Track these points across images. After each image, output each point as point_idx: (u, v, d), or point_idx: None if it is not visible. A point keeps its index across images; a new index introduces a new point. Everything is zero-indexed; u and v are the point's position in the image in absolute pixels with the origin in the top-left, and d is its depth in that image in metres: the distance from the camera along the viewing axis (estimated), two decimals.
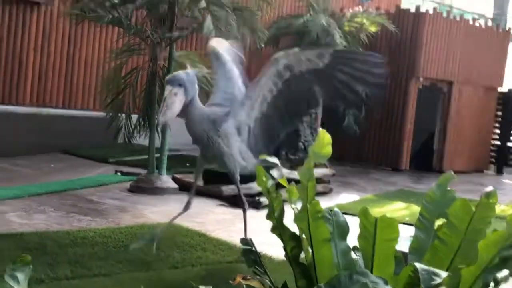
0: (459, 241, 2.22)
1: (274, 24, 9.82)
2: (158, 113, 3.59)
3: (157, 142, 6.40)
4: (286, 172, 6.83)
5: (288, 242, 2.31)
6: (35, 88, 8.23)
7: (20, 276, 1.68)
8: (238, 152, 3.84)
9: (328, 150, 2.38)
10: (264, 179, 2.41)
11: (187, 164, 7.82)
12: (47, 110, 8.30)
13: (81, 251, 3.84)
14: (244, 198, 4.04)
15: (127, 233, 4.36)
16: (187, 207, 4.02)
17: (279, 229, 2.33)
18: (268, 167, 4.06)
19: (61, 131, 8.09)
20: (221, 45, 4.25)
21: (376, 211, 6.03)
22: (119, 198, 5.83)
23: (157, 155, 6.34)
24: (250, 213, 5.59)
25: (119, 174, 6.96)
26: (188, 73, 3.68)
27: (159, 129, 6.37)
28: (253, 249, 2.39)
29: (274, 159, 2.70)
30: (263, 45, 6.80)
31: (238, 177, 3.94)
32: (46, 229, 4.33)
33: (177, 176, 6.60)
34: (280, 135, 3.95)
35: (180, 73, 3.67)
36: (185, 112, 3.63)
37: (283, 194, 2.50)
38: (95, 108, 8.49)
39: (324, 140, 2.38)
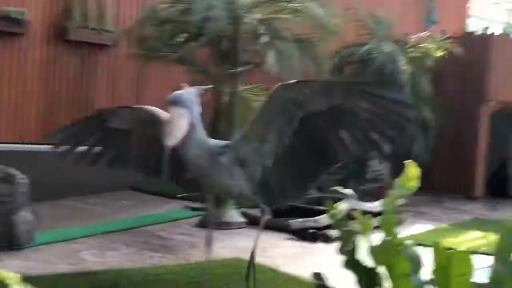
0: None
1: (337, 54, 9.79)
2: (165, 137, 3.24)
3: None
4: (357, 204, 6.72)
5: (362, 276, 2.24)
6: None
7: None
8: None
9: (415, 184, 2.32)
10: (334, 212, 2.35)
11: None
12: None
13: None
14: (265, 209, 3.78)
15: (198, 269, 4.36)
16: (209, 242, 3.83)
17: (351, 263, 2.27)
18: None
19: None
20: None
21: (452, 241, 5.83)
22: (189, 234, 5.86)
23: None
24: (320, 246, 5.53)
25: (187, 209, 7.02)
26: (191, 93, 3.45)
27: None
28: (326, 284, 2.33)
29: (348, 191, 2.64)
30: (326, 76, 6.76)
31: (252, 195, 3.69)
32: (119, 267, 4.39)
33: (244, 210, 6.59)
34: (316, 177, 3.59)
35: (184, 93, 3.42)
36: (185, 135, 3.34)
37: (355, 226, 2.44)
38: None
39: (411, 173, 2.33)
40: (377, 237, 2.39)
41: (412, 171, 2.31)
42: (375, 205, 6.65)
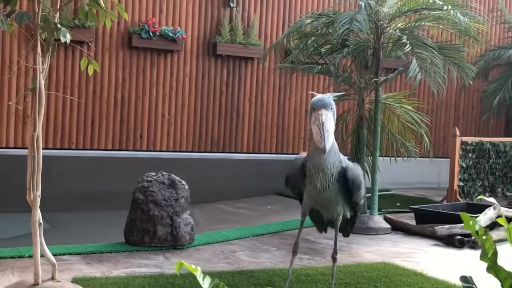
0: None
1: (482, 57, 9.58)
2: (320, 139, 3.33)
3: (367, 183, 6.57)
4: (504, 210, 6.60)
5: (505, 281, 2.33)
6: (251, 136, 8.95)
7: None
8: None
9: None
10: (471, 223, 2.45)
11: (398, 204, 7.88)
12: (261, 155, 8.97)
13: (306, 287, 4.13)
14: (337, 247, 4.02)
15: (346, 272, 4.57)
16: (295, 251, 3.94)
17: (494, 269, 2.36)
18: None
19: (274, 175, 8.63)
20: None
21: None
22: (333, 238, 6.06)
23: (368, 195, 6.50)
24: (467, 252, 5.51)
25: None
26: (330, 98, 3.54)
27: (368, 170, 6.56)
28: (474, 286, 2.44)
29: (491, 200, 2.73)
30: (471, 82, 6.69)
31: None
32: (272, 267, 4.71)
33: (389, 216, 6.70)
34: None
35: (327, 97, 3.51)
36: None
37: (494, 234, 2.54)
38: (306, 151, 8.95)
39: None
40: None
41: None
42: None
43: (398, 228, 6.41)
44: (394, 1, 6.39)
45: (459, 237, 5.74)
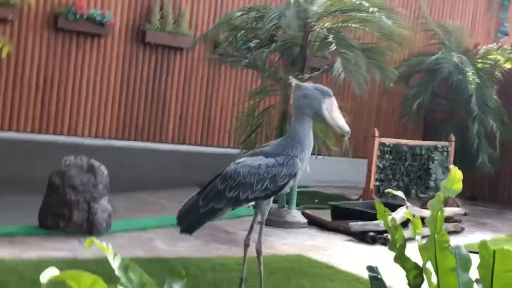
0: None
1: (405, 62, 9.91)
2: (345, 124, 3.63)
3: None
4: (417, 210, 6.86)
5: (410, 271, 2.44)
6: (176, 127, 8.90)
7: (176, 286, 1.96)
8: None
9: (459, 186, 2.49)
10: (384, 212, 2.57)
11: (316, 200, 8.05)
12: (186, 147, 8.94)
13: (220, 276, 4.18)
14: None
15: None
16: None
17: (401, 259, 2.47)
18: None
19: (199, 167, 8.64)
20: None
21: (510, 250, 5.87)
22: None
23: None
24: (379, 248, 5.71)
25: (251, 207, 7.31)
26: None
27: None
28: (379, 276, 2.55)
29: (399, 193, 2.85)
30: (392, 84, 6.92)
31: None
32: (188, 256, 4.73)
33: (307, 211, 6.84)
34: None
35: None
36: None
37: (406, 233, 2.66)
38: (230, 145, 9.01)
39: (455, 176, 2.50)
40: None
41: (456, 174, 2.48)
42: None
43: (314, 223, 6.56)
44: (323, 0, 6.53)
45: (371, 233, 5.94)
